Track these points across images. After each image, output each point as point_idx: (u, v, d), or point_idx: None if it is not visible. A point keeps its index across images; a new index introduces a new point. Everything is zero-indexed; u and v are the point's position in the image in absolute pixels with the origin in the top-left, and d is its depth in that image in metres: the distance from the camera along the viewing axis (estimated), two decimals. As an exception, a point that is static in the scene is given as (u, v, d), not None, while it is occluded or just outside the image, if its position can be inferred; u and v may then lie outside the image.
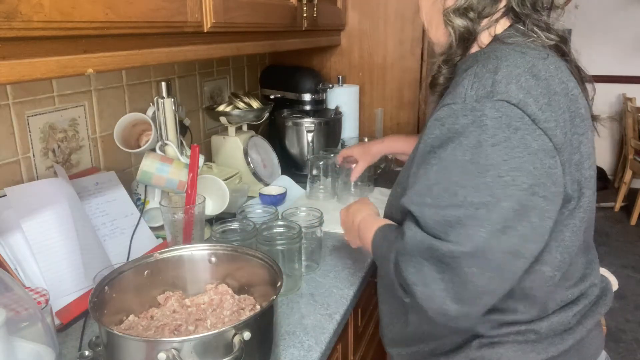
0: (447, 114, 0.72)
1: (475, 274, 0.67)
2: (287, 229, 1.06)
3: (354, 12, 1.84)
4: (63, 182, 1.03)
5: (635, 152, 3.95)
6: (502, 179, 0.67)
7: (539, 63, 0.74)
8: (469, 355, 0.81)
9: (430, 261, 0.69)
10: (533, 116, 0.69)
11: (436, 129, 0.73)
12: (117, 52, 0.77)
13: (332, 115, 1.77)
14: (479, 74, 0.72)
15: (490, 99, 0.69)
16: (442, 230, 0.69)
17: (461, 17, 0.80)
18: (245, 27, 1.12)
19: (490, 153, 0.67)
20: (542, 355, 0.80)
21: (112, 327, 0.76)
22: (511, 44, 0.77)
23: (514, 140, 0.67)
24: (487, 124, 0.68)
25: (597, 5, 4.42)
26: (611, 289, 0.90)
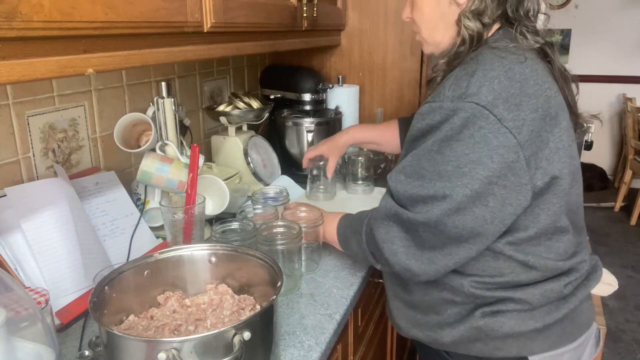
0: (427, 110, 0.84)
1: (430, 238, 0.83)
2: (287, 229, 1.06)
3: (354, 12, 1.84)
4: (63, 182, 1.03)
5: (635, 152, 3.95)
6: (460, 170, 0.79)
7: (515, 67, 0.82)
8: (473, 324, 0.89)
9: (397, 224, 0.87)
10: (499, 116, 0.78)
11: (418, 123, 0.86)
12: (117, 52, 0.77)
13: (332, 115, 1.77)
14: (458, 76, 0.83)
15: (462, 100, 0.79)
16: (409, 204, 0.85)
17: (475, 20, 0.87)
18: (245, 27, 1.12)
19: (454, 147, 0.80)
20: (539, 323, 0.89)
21: (112, 327, 0.76)
22: (495, 49, 0.85)
23: (476, 137, 0.78)
24: (455, 122, 0.79)
25: (597, 5, 4.42)
26: (601, 266, 0.99)
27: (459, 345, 0.93)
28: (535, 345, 0.90)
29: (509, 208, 0.81)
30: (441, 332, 0.93)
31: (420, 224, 0.83)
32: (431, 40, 0.96)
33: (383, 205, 0.90)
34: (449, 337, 0.92)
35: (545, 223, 0.85)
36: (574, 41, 4.50)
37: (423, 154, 0.83)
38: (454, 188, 0.79)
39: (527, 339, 0.89)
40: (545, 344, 0.90)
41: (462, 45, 0.89)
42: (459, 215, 0.80)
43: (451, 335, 0.92)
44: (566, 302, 0.90)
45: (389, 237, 0.88)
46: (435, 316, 0.94)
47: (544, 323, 0.89)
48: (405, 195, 0.85)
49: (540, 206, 0.84)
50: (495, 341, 0.90)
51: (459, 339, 0.91)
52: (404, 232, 0.86)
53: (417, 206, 0.83)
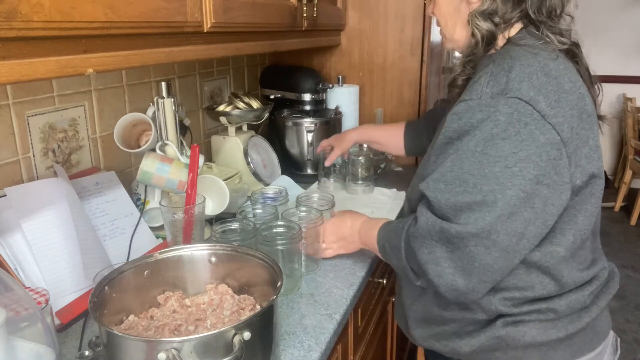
0: (464, 109, 0.79)
1: (482, 252, 0.76)
2: (287, 229, 1.06)
3: (354, 12, 1.84)
4: (63, 182, 1.03)
5: (635, 152, 3.95)
6: (510, 170, 0.74)
7: (550, 63, 0.79)
8: (495, 334, 0.87)
9: (441, 242, 0.79)
10: (542, 112, 0.75)
11: (454, 123, 0.80)
12: (117, 52, 0.77)
13: (332, 115, 1.77)
14: (494, 72, 0.79)
15: (504, 96, 0.75)
16: (452, 214, 0.77)
17: (486, 20, 0.85)
18: (245, 27, 1.12)
19: (500, 145, 0.75)
20: (562, 333, 0.86)
21: (112, 327, 0.76)
22: (524, 45, 0.82)
23: (523, 134, 0.74)
24: (499, 119, 0.75)
25: (597, 5, 4.42)
26: (617, 272, 0.97)
27: (478, 354, 0.91)
28: (556, 354, 0.87)
29: (552, 208, 0.78)
30: (460, 342, 0.91)
31: (471, 237, 0.75)
32: (450, 36, 0.95)
33: (424, 221, 0.81)
34: (468, 347, 0.90)
35: (583, 225, 0.83)
36: (574, 41, 4.50)
37: (465, 156, 0.77)
38: (505, 190, 0.74)
39: (548, 349, 0.87)
40: (567, 353, 0.88)
41: (476, 46, 0.87)
42: (511, 220, 0.75)
43: (470, 344, 0.90)
44: (588, 310, 0.89)
45: (433, 258, 0.80)
46: (454, 325, 0.92)
47: (567, 332, 0.86)
48: (447, 204, 0.78)
49: (576, 207, 0.82)
50: (516, 350, 0.88)
51: (478, 348, 0.89)
52: (450, 252, 0.78)
53: (463, 215, 0.76)
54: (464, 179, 0.77)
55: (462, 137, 0.79)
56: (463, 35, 0.91)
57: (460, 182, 0.77)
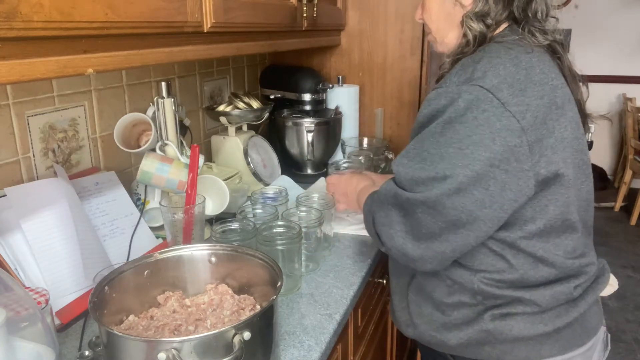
0: (433, 96, 0.85)
1: (428, 220, 0.83)
2: (287, 229, 1.06)
3: (354, 12, 1.84)
4: (63, 182, 1.02)
5: (635, 152, 3.95)
6: (462, 151, 0.79)
7: (522, 56, 0.84)
8: (482, 328, 0.88)
9: (395, 207, 0.87)
10: (502, 100, 0.79)
11: (425, 109, 0.86)
12: (117, 52, 0.77)
13: (332, 115, 1.77)
14: (464, 63, 0.85)
15: (467, 84, 0.81)
16: (408, 185, 0.85)
17: (479, 22, 0.89)
18: (245, 27, 1.12)
19: (457, 129, 0.80)
20: (549, 327, 0.88)
21: (112, 327, 0.76)
22: (502, 42, 0.87)
23: (479, 120, 0.79)
24: (459, 105, 0.80)
25: (597, 5, 4.42)
26: (608, 269, 0.99)
27: (466, 348, 0.92)
28: (544, 349, 0.89)
29: (509, 193, 0.81)
30: (448, 334, 0.92)
31: (419, 204, 0.83)
32: (440, 40, 0.98)
33: (384, 187, 0.91)
34: (456, 340, 0.91)
35: (554, 214, 0.85)
36: (574, 41, 4.49)
37: (427, 137, 0.84)
38: (455, 169, 0.79)
39: (536, 343, 0.88)
40: (555, 348, 0.89)
41: (467, 46, 0.90)
42: (459, 196, 0.80)
43: (458, 337, 0.91)
44: (576, 305, 0.90)
45: (387, 221, 0.88)
46: (442, 316, 0.93)
47: (554, 327, 0.88)
48: (406, 177, 0.85)
49: (547, 197, 0.84)
50: (504, 345, 0.89)
51: (466, 341, 0.90)
52: (402, 216, 0.86)
53: (417, 187, 0.83)
54: (423, 156, 0.83)
55: (431, 121, 0.84)
56: (454, 38, 0.94)
57: (420, 159, 0.84)
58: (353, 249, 1.23)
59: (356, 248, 1.24)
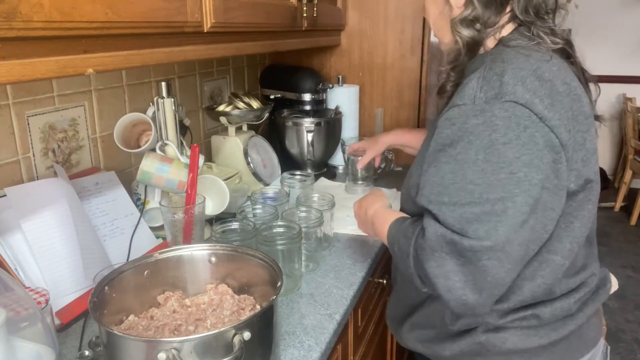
0: (457, 114, 0.76)
1: (495, 266, 0.72)
2: (287, 229, 1.06)
3: (354, 12, 1.84)
4: (63, 182, 1.02)
5: (635, 152, 3.95)
6: (515, 175, 0.71)
7: (543, 65, 0.77)
8: (475, 340, 0.86)
9: (451, 255, 0.74)
10: (540, 114, 0.72)
11: (446, 129, 0.77)
12: (117, 52, 0.77)
13: (332, 115, 1.77)
14: (487, 77, 0.76)
15: (499, 100, 0.73)
16: (460, 228, 0.73)
17: (468, 27, 0.84)
18: (245, 27, 1.12)
19: (502, 151, 0.71)
20: (544, 340, 0.85)
21: (112, 327, 0.76)
22: (515, 47, 0.81)
23: (523, 138, 0.71)
24: (497, 124, 0.72)
25: (597, 5, 4.42)
26: (610, 279, 0.95)
27: (460, 359, 0.90)
28: None
29: (551, 213, 0.75)
30: (442, 345, 0.91)
31: (485, 251, 0.71)
32: (441, 40, 0.94)
33: (432, 232, 0.76)
34: (449, 351, 0.90)
35: (579, 232, 0.81)
36: (574, 41, 4.50)
37: (467, 165, 0.73)
38: (514, 198, 0.71)
39: (531, 355, 0.86)
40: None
41: (460, 52, 0.86)
42: (523, 230, 0.72)
43: (451, 349, 0.89)
44: (573, 318, 0.86)
45: (443, 272, 0.75)
46: (436, 330, 0.92)
47: (549, 340, 0.85)
48: (454, 218, 0.73)
49: (573, 213, 0.79)
50: (497, 357, 0.87)
51: (459, 353, 0.89)
52: (461, 266, 0.73)
53: (472, 228, 0.72)
54: (468, 190, 0.73)
55: (456, 144, 0.75)
56: (450, 39, 0.89)
57: (465, 194, 0.73)
58: (353, 249, 1.23)
59: (356, 248, 1.24)
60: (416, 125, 1.89)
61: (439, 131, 0.78)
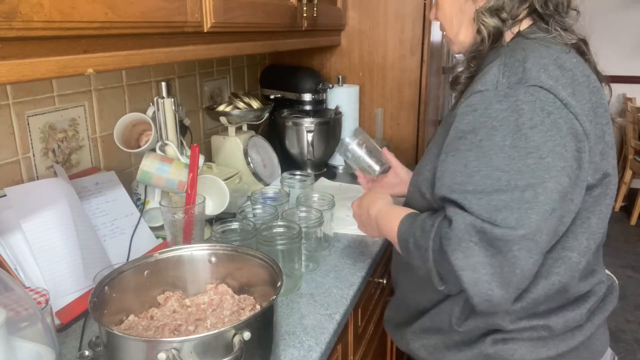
0: (479, 100, 0.74)
1: (524, 257, 0.68)
2: (287, 229, 1.06)
3: (354, 12, 1.84)
4: (63, 182, 1.02)
5: (635, 152, 3.95)
6: (544, 160, 0.69)
7: (563, 55, 0.77)
8: (483, 352, 0.84)
9: (480, 245, 0.69)
10: (564, 100, 0.71)
11: (468, 115, 0.74)
12: (117, 52, 0.77)
13: (332, 115, 1.77)
14: (508, 63, 0.75)
15: (523, 85, 0.71)
16: (488, 216, 0.69)
17: (493, 16, 0.83)
18: (245, 27, 1.12)
19: (530, 136, 0.69)
20: (552, 351, 0.83)
21: (112, 327, 0.76)
22: (534, 39, 0.80)
23: (547, 123, 0.70)
24: (523, 108, 0.70)
25: (597, 5, 4.42)
26: (617, 286, 0.92)
27: None
28: None
29: (570, 204, 0.73)
30: (446, 353, 0.89)
31: (517, 240, 0.68)
32: (455, 39, 0.92)
33: (460, 221, 0.71)
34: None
35: (596, 228, 0.78)
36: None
37: (492, 152, 0.71)
38: (544, 184, 0.68)
39: None
40: None
41: (482, 44, 0.85)
42: (552, 218, 0.69)
43: (456, 358, 0.88)
44: (582, 329, 0.85)
45: (470, 264, 0.70)
46: (441, 336, 0.90)
47: (558, 351, 0.83)
48: (482, 207, 0.70)
49: (590, 209, 0.77)
50: None
51: None
52: (490, 257, 0.69)
53: (501, 216, 0.68)
54: (495, 176, 0.70)
55: (478, 130, 0.72)
56: (468, 35, 0.88)
57: (492, 181, 0.70)
58: (353, 249, 1.23)
59: (356, 248, 1.24)
60: (416, 125, 1.89)
61: (459, 118, 0.76)
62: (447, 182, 0.75)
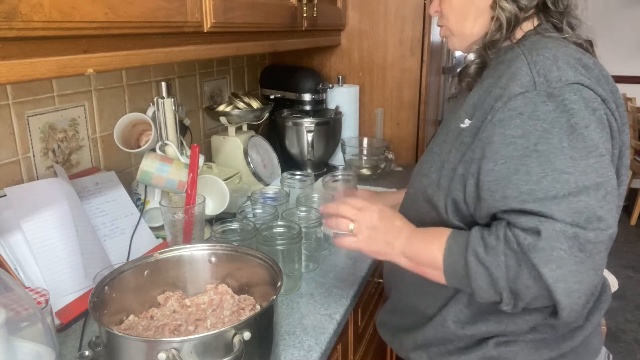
0: (522, 102, 0.71)
1: (603, 258, 0.68)
2: (287, 229, 1.06)
3: (354, 12, 1.84)
4: (63, 182, 1.03)
5: (635, 152, 3.95)
6: (604, 158, 0.68)
7: (583, 57, 0.76)
8: (486, 354, 0.84)
9: (569, 252, 0.66)
10: (602, 96, 0.71)
11: (514, 119, 0.71)
12: (117, 52, 0.77)
13: (332, 115, 1.77)
14: (538, 61, 0.73)
15: (565, 83, 0.70)
16: (572, 220, 0.66)
17: (513, 2, 0.81)
18: (245, 27, 1.12)
19: (586, 135, 0.68)
20: (554, 352, 0.83)
21: (112, 327, 0.76)
22: (551, 37, 0.79)
23: (595, 121, 0.69)
24: (573, 108, 0.69)
25: (597, 5, 4.42)
26: (609, 285, 0.91)
27: None
28: None
29: None
30: (449, 358, 0.88)
31: (606, 241, 0.66)
32: (460, 32, 0.88)
33: (550, 229, 0.66)
34: None
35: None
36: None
37: (553, 155, 0.68)
38: (610, 181, 0.68)
39: None
40: None
41: (499, 31, 0.82)
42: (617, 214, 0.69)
43: None
44: (582, 328, 0.85)
45: (563, 274, 0.66)
46: (444, 344, 0.88)
47: (560, 352, 0.83)
48: (564, 212, 0.66)
49: None
50: None
51: None
52: (579, 264, 0.66)
53: (584, 217, 0.66)
54: (563, 179, 0.67)
55: (529, 135, 0.69)
56: (478, 26, 0.85)
57: (562, 185, 0.67)
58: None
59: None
60: (416, 125, 1.89)
61: (504, 124, 0.72)
62: (511, 193, 0.70)
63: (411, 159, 1.92)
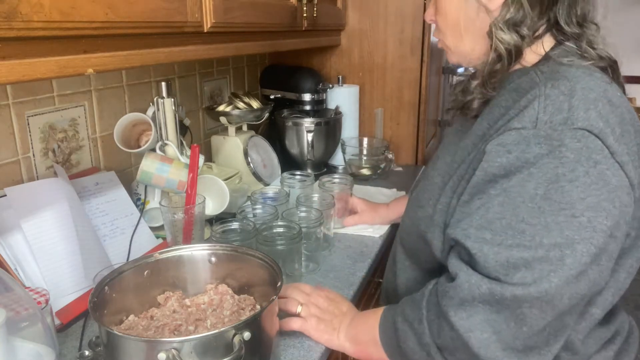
0: (515, 140, 0.64)
1: (535, 316, 0.62)
2: (287, 229, 1.06)
3: (354, 12, 1.84)
4: (63, 182, 1.03)
5: (635, 152, 3.95)
6: (576, 220, 0.61)
7: (609, 88, 0.67)
8: None
9: (484, 303, 0.63)
10: (611, 148, 0.62)
11: (501, 157, 0.65)
12: (117, 52, 0.77)
13: (332, 115, 1.77)
14: (551, 95, 0.65)
15: (570, 127, 0.62)
16: (503, 272, 0.62)
17: (511, 32, 0.72)
18: (245, 27, 1.12)
19: (567, 189, 0.61)
20: None
21: (112, 327, 0.76)
22: (570, 65, 0.70)
23: (592, 176, 0.61)
24: (567, 156, 0.61)
25: (597, 5, 4.42)
26: (635, 325, 0.84)
27: None
28: None
29: (611, 264, 0.65)
30: None
31: (529, 299, 0.61)
32: (456, 50, 0.81)
33: (464, 279, 0.64)
34: None
35: (624, 284, 0.71)
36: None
37: (521, 200, 0.62)
38: (574, 245, 0.60)
39: None
40: None
41: (498, 62, 0.73)
42: (579, 282, 0.61)
43: None
44: None
45: (475, 323, 0.63)
46: None
47: None
48: (497, 260, 0.62)
49: (619, 262, 0.69)
50: None
51: None
52: (496, 313, 0.62)
53: (518, 274, 0.61)
54: (519, 229, 0.62)
55: (511, 175, 0.64)
56: (478, 50, 0.77)
57: (515, 233, 0.62)
58: (353, 249, 1.23)
59: (356, 248, 1.24)
60: (415, 125, 1.89)
61: (489, 158, 0.66)
62: (464, 225, 0.67)
63: (411, 159, 1.92)
